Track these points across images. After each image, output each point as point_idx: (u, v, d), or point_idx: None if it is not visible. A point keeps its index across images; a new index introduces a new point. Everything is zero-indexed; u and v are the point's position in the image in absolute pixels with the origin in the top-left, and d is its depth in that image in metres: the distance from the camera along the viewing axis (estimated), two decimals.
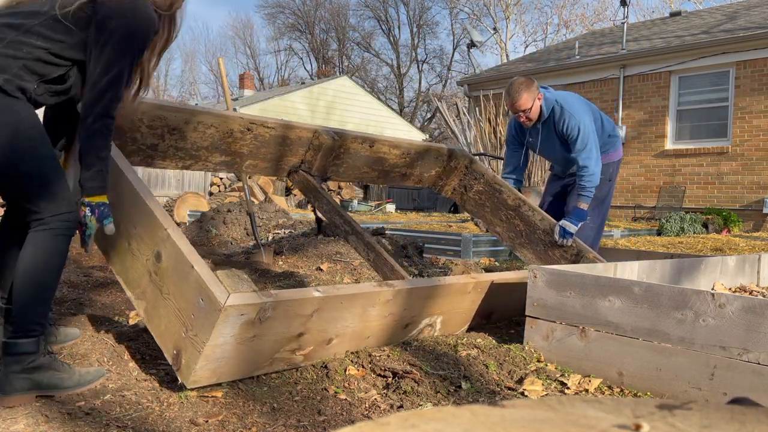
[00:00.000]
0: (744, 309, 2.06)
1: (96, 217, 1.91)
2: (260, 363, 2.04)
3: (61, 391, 1.85)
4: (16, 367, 1.81)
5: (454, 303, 2.65)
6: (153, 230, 1.98)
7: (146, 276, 2.01)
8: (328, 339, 2.20)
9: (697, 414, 0.47)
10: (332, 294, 2.09)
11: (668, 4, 27.12)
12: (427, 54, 37.72)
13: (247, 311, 1.83)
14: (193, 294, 1.85)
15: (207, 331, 1.80)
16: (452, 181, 4.14)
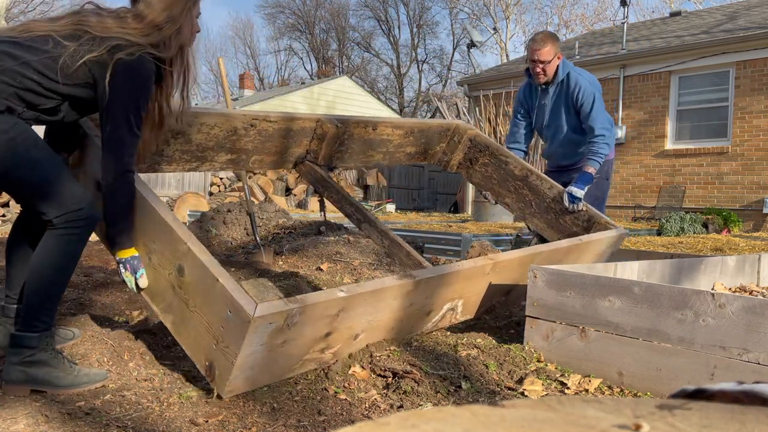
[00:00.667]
0: (744, 309, 2.06)
1: (129, 271, 2.01)
2: (291, 365, 2.07)
3: (55, 388, 1.88)
4: (15, 358, 1.87)
5: (473, 286, 2.69)
6: (173, 245, 1.98)
7: (170, 290, 2.01)
8: (355, 335, 2.23)
9: (697, 414, 0.47)
10: (356, 293, 2.11)
11: (668, 4, 27.12)
12: (427, 54, 37.76)
13: (275, 320, 1.85)
14: (220, 306, 1.86)
15: (238, 342, 1.81)
16: (457, 155, 4.09)
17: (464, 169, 4.14)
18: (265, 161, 3.22)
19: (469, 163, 4.10)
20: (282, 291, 3.51)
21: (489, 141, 4.03)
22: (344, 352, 2.23)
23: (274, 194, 13.44)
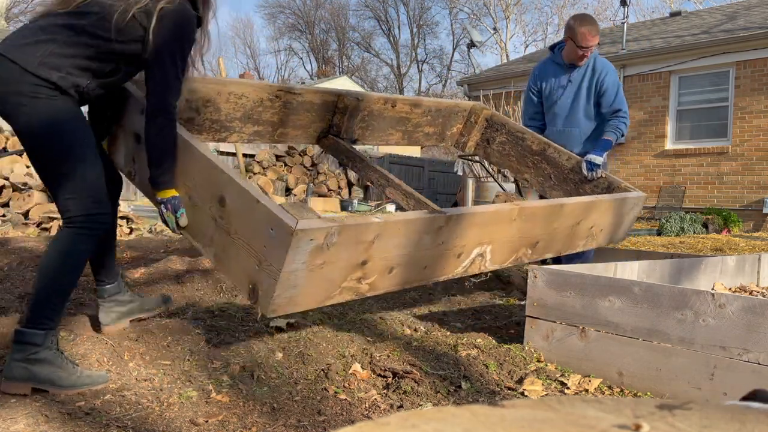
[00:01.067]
0: (744, 309, 2.06)
1: (170, 211, 2.06)
2: (331, 291, 2.12)
3: (56, 388, 1.88)
4: (18, 355, 1.87)
5: (501, 231, 2.73)
6: (213, 177, 2.06)
7: (212, 223, 2.08)
8: (390, 268, 2.28)
9: (697, 414, 0.47)
10: (390, 220, 2.21)
11: (668, 4, 27.13)
12: (427, 54, 37.78)
13: (316, 236, 1.92)
14: (262, 226, 1.93)
15: (280, 258, 1.88)
16: (474, 136, 4.14)
17: (482, 149, 4.17)
18: (290, 134, 3.29)
19: (486, 143, 4.14)
20: None
21: (505, 119, 4.07)
22: (380, 286, 2.29)
23: (274, 194, 13.45)
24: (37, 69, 1.86)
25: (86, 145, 1.99)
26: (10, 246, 4.50)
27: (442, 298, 3.79)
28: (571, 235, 3.26)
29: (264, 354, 2.25)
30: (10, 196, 7.77)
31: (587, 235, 3.39)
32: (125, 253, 4.57)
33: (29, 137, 1.95)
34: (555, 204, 3.05)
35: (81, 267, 1.99)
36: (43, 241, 4.82)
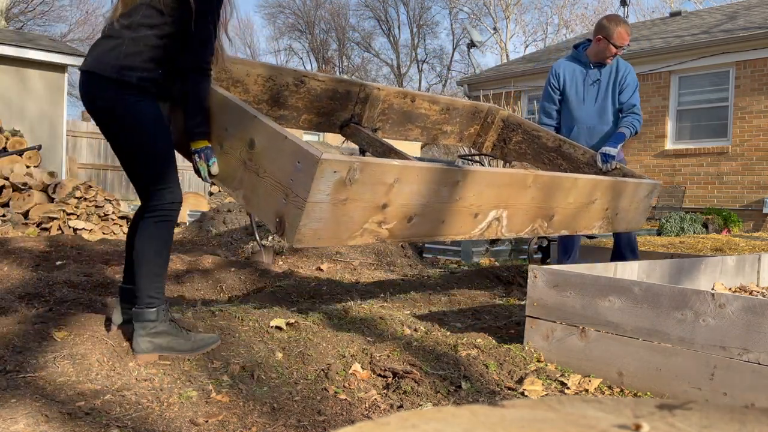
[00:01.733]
0: (744, 309, 2.06)
1: (203, 160, 2.24)
2: (353, 231, 2.25)
3: (178, 353, 2.15)
4: (142, 331, 2.14)
5: (516, 196, 2.80)
6: (243, 123, 2.23)
7: (241, 167, 2.25)
8: (409, 216, 2.40)
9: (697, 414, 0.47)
10: (409, 165, 2.33)
11: (668, 4, 27.11)
12: (427, 54, 37.75)
13: (339, 168, 2.06)
14: (289, 161, 2.08)
15: (306, 187, 2.03)
16: (491, 136, 4.23)
17: (498, 150, 4.26)
18: (313, 121, 3.42)
19: (503, 143, 4.22)
20: (282, 291, 3.51)
21: (521, 119, 4.17)
22: (399, 234, 2.41)
23: None
24: (116, 74, 2.10)
25: (165, 143, 2.21)
26: (10, 246, 4.50)
27: (442, 298, 3.79)
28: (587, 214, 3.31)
29: (264, 354, 2.25)
30: (10, 196, 7.77)
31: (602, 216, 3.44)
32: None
33: (116, 137, 2.19)
34: (569, 176, 3.12)
35: (167, 248, 2.26)
36: (42, 241, 4.82)
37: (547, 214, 3.03)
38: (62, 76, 10.92)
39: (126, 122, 2.15)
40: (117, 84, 2.11)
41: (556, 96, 4.20)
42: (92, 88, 2.16)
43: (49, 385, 1.92)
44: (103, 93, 2.14)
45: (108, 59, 2.12)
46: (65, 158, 11.10)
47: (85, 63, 2.18)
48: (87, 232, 6.97)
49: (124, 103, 2.13)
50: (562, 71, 4.18)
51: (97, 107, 2.18)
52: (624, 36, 3.92)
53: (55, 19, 28.81)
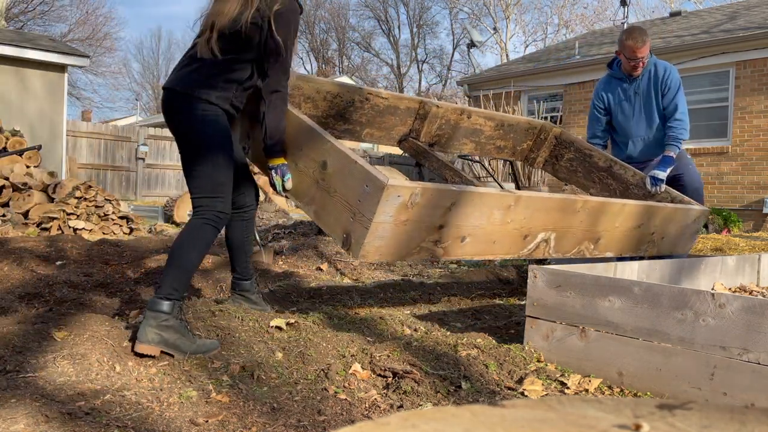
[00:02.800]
0: (744, 309, 2.06)
1: (279, 175, 2.52)
2: (411, 248, 2.46)
3: (181, 353, 2.17)
4: (152, 321, 2.17)
5: (565, 220, 2.91)
6: (317, 146, 2.45)
7: (314, 185, 2.48)
8: (462, 237, 2.57)
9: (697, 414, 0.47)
10: (465, 190, 2.51)
11: (668, 4, 27.10)
12: (427, 54, 37.72)
13: (402, 193, 2.28)
14: (358, 184, 2.30)
15: (372, 208, 2.25)
16: (543, 152, 4.34)
17: (550, 166, 4.36)
18: (375, 135, 3.65)
19: (555, 160, 4.33)
20: (282, 291, 3.51)
21: (574, 137, 4.28)
22: (453, 253, 2.60)
23: (274, 194, 13.43)
24: (197, 92, 2.33)
25: (225, 155, 2.38)
26: (10, 246, 4.50)
27: (442, 298, 3.79)
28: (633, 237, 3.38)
29: (264, 354, 2.25)
30: (10, 196, 7.77)
31: (649, 240, 3.51)
32: (125, 253, 4.57)
33: (185, 140, 2.39)
34: (618, 202, 3.20)
35: (203, 252, 2.36)
36: (42, 241, 4.82)
37: (594, 237, 3.13)
38: (62, 76, 10.92)
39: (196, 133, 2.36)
40: (194, 99, 2.33)
41: (603, 117, 4.24)
42: (172, 103, 2.39)
43: (49, 385, 1.92)
44: (180, 107, 2.37)
45: (188, 80, 2.36)
46: (65, 158, 11.10)
47: (168, 81, 2.44)
48: (87, 232, 6.97)
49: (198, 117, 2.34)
50: (603, 91, 4.22)
51: (174, 120, 2.40)
52: (631, 48, 3.92)
53: (55, 19, 28.79)
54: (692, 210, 3.69)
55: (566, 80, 12.90)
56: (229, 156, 2.41)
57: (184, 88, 2.36)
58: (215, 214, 2.35)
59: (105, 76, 34.13)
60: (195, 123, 2.36)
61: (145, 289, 3.30)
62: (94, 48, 29.48)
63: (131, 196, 15.94)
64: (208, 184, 2.35)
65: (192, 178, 2.40)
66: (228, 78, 2.39)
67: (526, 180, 10.20)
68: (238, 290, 2.77)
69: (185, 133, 2.40)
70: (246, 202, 2.69)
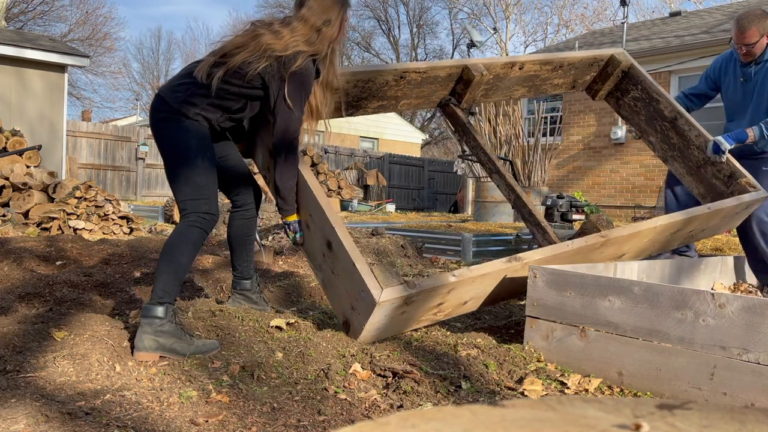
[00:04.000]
0: (744, 309, 2.06)
1: (292, 231, 2.61)
2: (411, 326, 2.52)
3: (180, 355, 2.19)
4: (148, 328, 2.19)
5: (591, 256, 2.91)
6: (324, 224, 2.45)
7: (321, 255, 2.52)
8: (464, 302, 2.59)
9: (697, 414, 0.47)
10: (465, 277, 2.47)
11: (668, 4, 27.11)
12: (427, 54, 37.68)
13: (398, 302, 2.29)
14: (355, 285, 2.32)
15: (366, 315, 2.30)
16: (608, 85, 4.05)
17: (613, 99, 4.10)
18: (412, 104, 3.48)
19: (619, 94, 4.06)
20: (282, 291, 3.51)
21: (643, 75, 3.96)
22: (454, 313, 2.64)
23: None
24: (180, 105, 2.39)
25: (204, 159, 2.41)
26: (10, 246, 4.50)
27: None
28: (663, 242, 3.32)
29: (264, 354, 2.25)
30: (10, 196, 7.77)
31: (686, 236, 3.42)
32: (125, 253, 4.57)
33: (164, 149, 2.44)
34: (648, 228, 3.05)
35: (192, 254, 2.37)
36: (42, 241, 4.82)
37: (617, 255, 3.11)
38: (62, 76, 10.92)
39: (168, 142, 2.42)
40: (175, 112, 2.39)
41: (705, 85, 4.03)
42: (154, 106, 2.47)
43: (49, 385, 1.92)
44: (158, 114, 2.44)
45: (177, 91, 2.42)
46: (65, 158, 11.10)
47: (161, 87, 2.51)
48: (87, 232, 6.97)
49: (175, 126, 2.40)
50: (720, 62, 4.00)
51: (152, 124, 2.47)
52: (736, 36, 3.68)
53: (55, 19, 28.79)
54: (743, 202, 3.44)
55: None
56: (207, 158, 2.42)
57: (170, 98, 2.42)
58: (201, 216, 2.38)
59: (105, 76, 34.13)
60: (172, 130, 2.41)
61: (145, 289, 3.30)
62: (94, 48, 29.48)
63: (131, 196, 15.94)
64: (188, 187, 2.38)
65: (173, 183, 2.43)
66: (215, 103, 2.42)
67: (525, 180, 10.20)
68: (238, 289, 2.79)
69: (164, 140, 2.44)
70: (246, 201, 2.70)
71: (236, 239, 2.74)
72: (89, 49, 28.43)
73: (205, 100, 2.41)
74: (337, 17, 2.48)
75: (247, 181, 2.72)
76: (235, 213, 2.72)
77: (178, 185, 2.41)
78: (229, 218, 2.74)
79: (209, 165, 2.44)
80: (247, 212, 2.72)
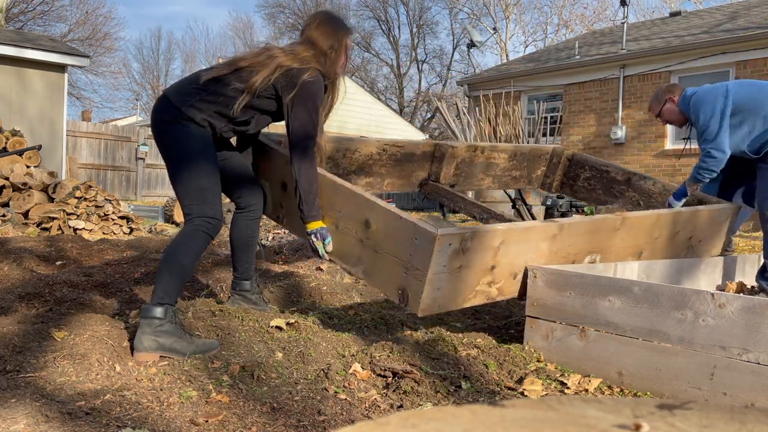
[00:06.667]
0: (744, 309, 2.06)
1: (319, 240, 2.52)
2: (467, 294, 2.46)
3: (180, 355, 2.18)
4: (147, 329, 2.19)
5: (607, 240, 2.98)
6: (358, 205, 2.47)
7: (358, 245, 2.48)
8: (514, 274, 2.60)
9: (697, 414, 0.47)
10: (512, 227, 2.56)
11: (668, 4, 27.10)
12: (427, 54, 37.71)
13: (453, 240, 2.28)
14: (407, 238, 2.29)
15: (426, 260, 2.23)
16: (558, 176, 4.43)
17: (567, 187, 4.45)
18: (395, 183, 3.77)
19: (571, 182, 4.41)
20: (282, 291, 3.51)
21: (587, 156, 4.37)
22: (507, 291, 2.61)
23: None
24: (187, 109, 2.39)
25: (209, 163, 2.41)
26: (10, 246, 4.50)
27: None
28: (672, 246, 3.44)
29: (264, 354, 2.25)
30: (10, 196, 7.77)
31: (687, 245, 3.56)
32: (125, 253, 4.57)
33: (167, 152, 2.43)
34: (655, 214, 3.25)
35: (194, 258, 2.38)
36: (42, 241, 4.82)
37: (636, 252, 3.20)
38: (62, 76, 10.92)
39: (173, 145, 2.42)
40: (179, 113, 2.39)
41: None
42: (159, 108, 2.46)
43: (49, 385, 1.92)
44: (163, 116, 2.44)
45: (186, 95, 2.42)
46: (65, 158, 11.10)
47: (167, 89, 2.53)
48: (87, 232, 6.97)
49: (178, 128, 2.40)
50: None
51: (155, 126, 2.47)
52: None
53: (55, 19, 28.78)
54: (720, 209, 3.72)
55: (566, 80, 12.89)
56: (211, 163, 2.44)
57: (178, 101, 2.42)
58: (206, 220, 2.37)
59: (105, 76, 34.10)
60: (177, 133, 2.41)
61: (145, 289, 3.30)
62: (94, 48, 29.47)
63: (131, 196, 15.94)
64: (192, 191, 2.39)
65: (177, 187, 2.43)
66: (222, 112, 2.44)
67: None
68: (238, 290, 2.78)
69: (168, 143, 2.44)
70: (249, 203, 2.70)
71: (238, 241, 2.73)
72: (89, 49, 28.43)
73: (212, 107, 2.43)
74: (341, 44, 2.60)
75: (250, 183, 2.72)
76: (239, 214, 2.72)
77: (182, 189, 2.41)
78: (233, 220, 2.73)
79: (213, 169, 2.44)
80: (251, 214, 2.72)
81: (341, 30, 2.63)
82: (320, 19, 2.63)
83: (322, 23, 2.60)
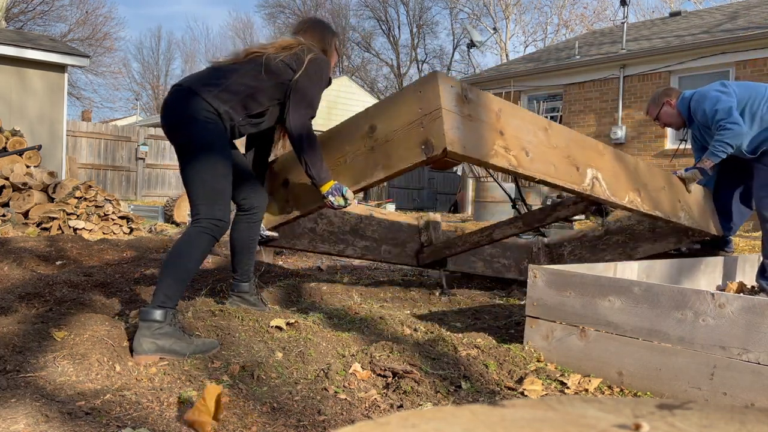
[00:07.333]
0: (744, 309, 2.06)
1: (338, 195, 2.58)
2: (488, 149, 2.48)
3: (180, 356, 2.18)
4: (146, 331, 2.19)
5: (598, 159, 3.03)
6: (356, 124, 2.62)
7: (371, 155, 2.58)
8: (525, 150, 2.63)
9: (697, 414, 0.47)
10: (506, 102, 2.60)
11: (668, 4, 27.11)
12: (427, 54, 37.68)
13: (453, 83, 2.39)
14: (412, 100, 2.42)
15: (436, 98, 2.32)
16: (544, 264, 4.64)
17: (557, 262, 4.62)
18: (392, 252, 3.95)
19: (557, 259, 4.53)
20: (282, 290, 3.52)
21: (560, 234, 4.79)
22: (524, 166, 2.61)
23: None
24: (212, 100, 2.39)
25: (225, 165, 2.41)
26: (10, 246, 4.50)
27: (442, 298, 3.79)
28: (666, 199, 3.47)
29: (264, 354, 2.25)
30: (10, 196, 7.77)
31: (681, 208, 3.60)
32: (125, 253, 4.57)
33: (188, 146, 2.40)
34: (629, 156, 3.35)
35: (199, 260, 2.36)
36: (42, 241, 4.82)
37: (635, 188, 3.22)
38: (62, 76, 10.92)
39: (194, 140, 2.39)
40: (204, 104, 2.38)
41: None
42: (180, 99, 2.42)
43: (49, 385, 1.92)
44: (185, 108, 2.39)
45: (209, 86, 2.42)
46: (65, 158, 11.10)
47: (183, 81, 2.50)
48: (87, 232, 6.97)
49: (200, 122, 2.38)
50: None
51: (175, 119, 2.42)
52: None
53: (55, 19, 28.79)
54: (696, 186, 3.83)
55: (566, 80, 12.89)
56: (228, 164, 2.42)
57: (200, 90, 2.41)
58: (214, 222, 2.36)
59: (105, 76, 34.11)
60: (198, 127, 2.38)
61: (145, 289, 3.30)
62: (94, 48, 29.48)
63: (131, 196, 15.94)
64: (207, 191, 2.37)
65: (190, 184, 2.40)
66: (244, 103, 2.48)
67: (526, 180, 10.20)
68: (236, 291, 2.79)
69: (187, 139, 2.40)
70: (252, 205, 2.71)
71: (239, 242, 2.73)
72: (89, 49, 28.44)
73: (234, 97, 2.45)
74: (331, 45, 2.78)
75: (254, 186, 2.72)
76: (241, 216, 2.72)
77: (197, 188, 2.39)
78: (234, 221, 2.73)
79: (229, 171, 2.44)
80: (253, 216, 2.72)
81: (329, 34, 2.79)
82: (308, 24, 2.79)
83: (310, 28, 2.76)
